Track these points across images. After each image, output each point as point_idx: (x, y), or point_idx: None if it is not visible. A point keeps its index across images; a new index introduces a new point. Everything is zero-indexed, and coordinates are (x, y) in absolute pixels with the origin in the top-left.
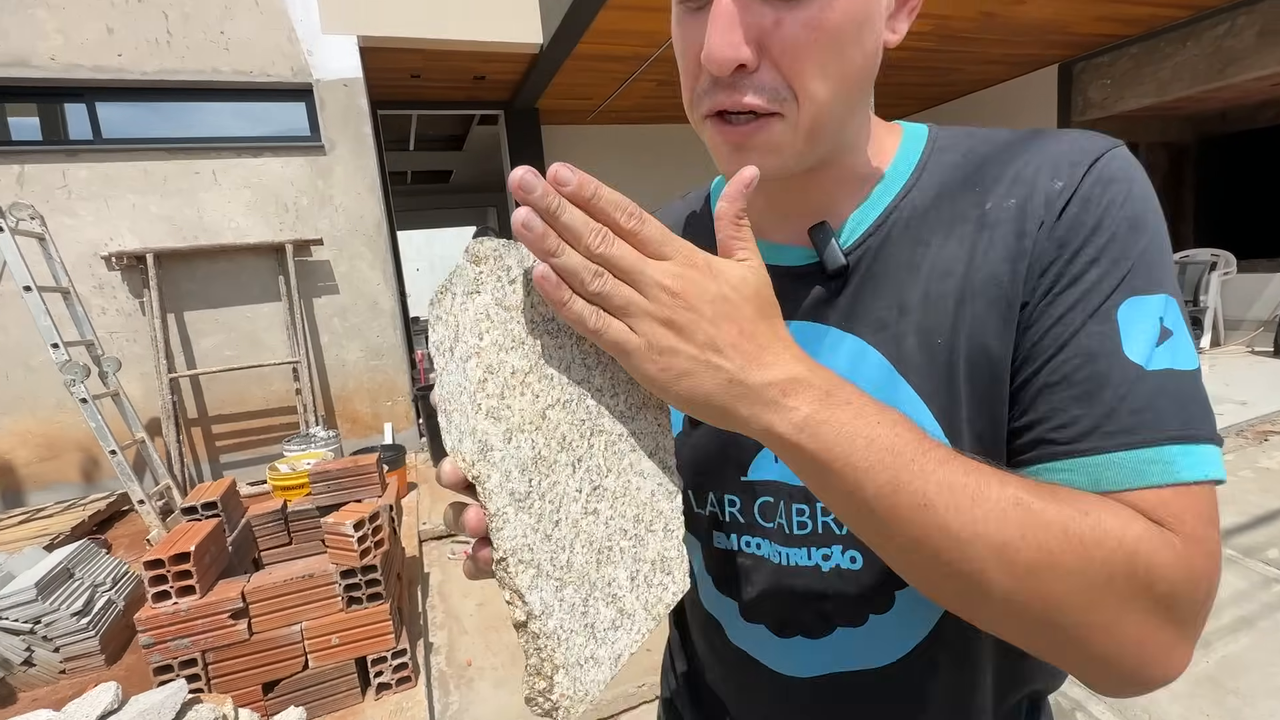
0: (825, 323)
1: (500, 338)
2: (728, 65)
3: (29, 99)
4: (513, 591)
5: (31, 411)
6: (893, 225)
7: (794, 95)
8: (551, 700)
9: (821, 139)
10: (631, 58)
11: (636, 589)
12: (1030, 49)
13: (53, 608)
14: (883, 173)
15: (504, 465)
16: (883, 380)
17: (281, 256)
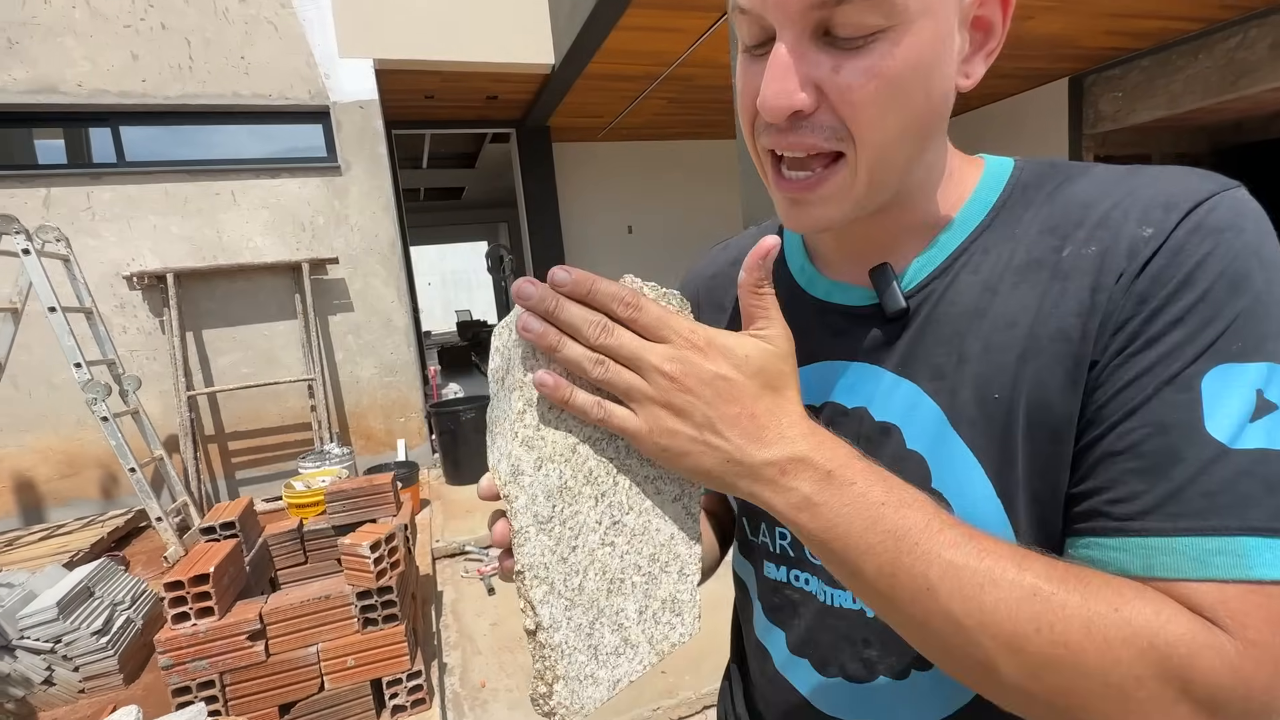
0: (882, 365)
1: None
2: (781, 113)
3: (56, 124)
4: (526, 601)
5: (54, 429)
6: (960, 269)
7: (851, 137)
8: (550, 705)
9: (882, 185)
10: (642, 76)
11: (643, 623)
12: (1040, 63)
13: (73, 627)
14: (955, 213)
15: (531, 489)
16: (935, 431)
17: (298, 275)
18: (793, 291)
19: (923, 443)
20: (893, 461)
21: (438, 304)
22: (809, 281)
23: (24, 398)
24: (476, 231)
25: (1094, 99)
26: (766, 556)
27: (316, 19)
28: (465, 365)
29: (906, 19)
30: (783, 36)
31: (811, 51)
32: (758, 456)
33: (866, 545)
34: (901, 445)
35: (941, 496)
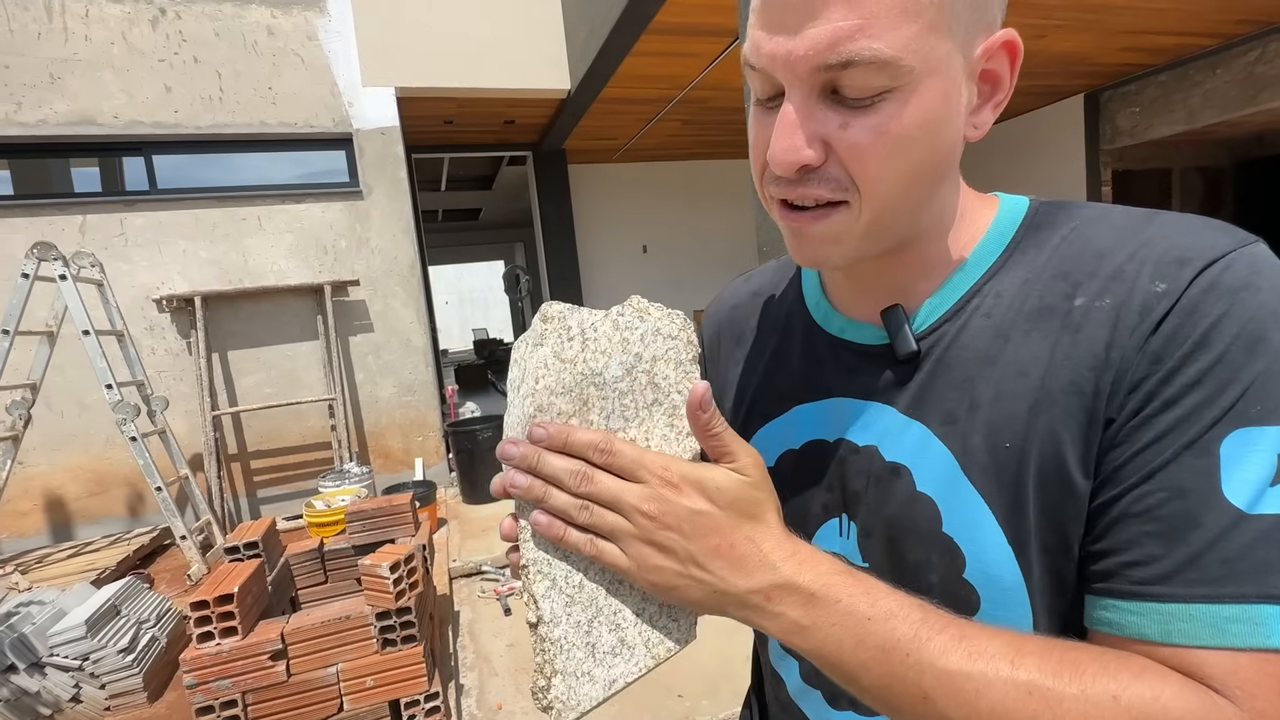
0: (893, 405)
1: (553, 383)
2: (790, 167)
3: (93, 154)
4: (530, 595)
5: (84, 448)
6: (972, 312)
7: (857, 188)
8: (548, 698)
9: (885, 231)
10: (656, 100)
11: (640, 626)
12: (1054, 80)
13: (100, 645)
14: (967, 253)
15: None
16: (946, 476)
17: (320, 297)
18: (808, 326)
19: (933, 486)
20: (904, 502)
21: (455, 322)
22: (824, 317)
23: (56, 417)
24: (493, 252)
25: (1111, 114)
26: None
27: (341, 50)
28: (482, 384)
29: (913, 79)
30: (791, 95)
31: (819, 109)
32: (742, 585)
33: (858, 662)
34: (911, 486)
35: (953, 541)
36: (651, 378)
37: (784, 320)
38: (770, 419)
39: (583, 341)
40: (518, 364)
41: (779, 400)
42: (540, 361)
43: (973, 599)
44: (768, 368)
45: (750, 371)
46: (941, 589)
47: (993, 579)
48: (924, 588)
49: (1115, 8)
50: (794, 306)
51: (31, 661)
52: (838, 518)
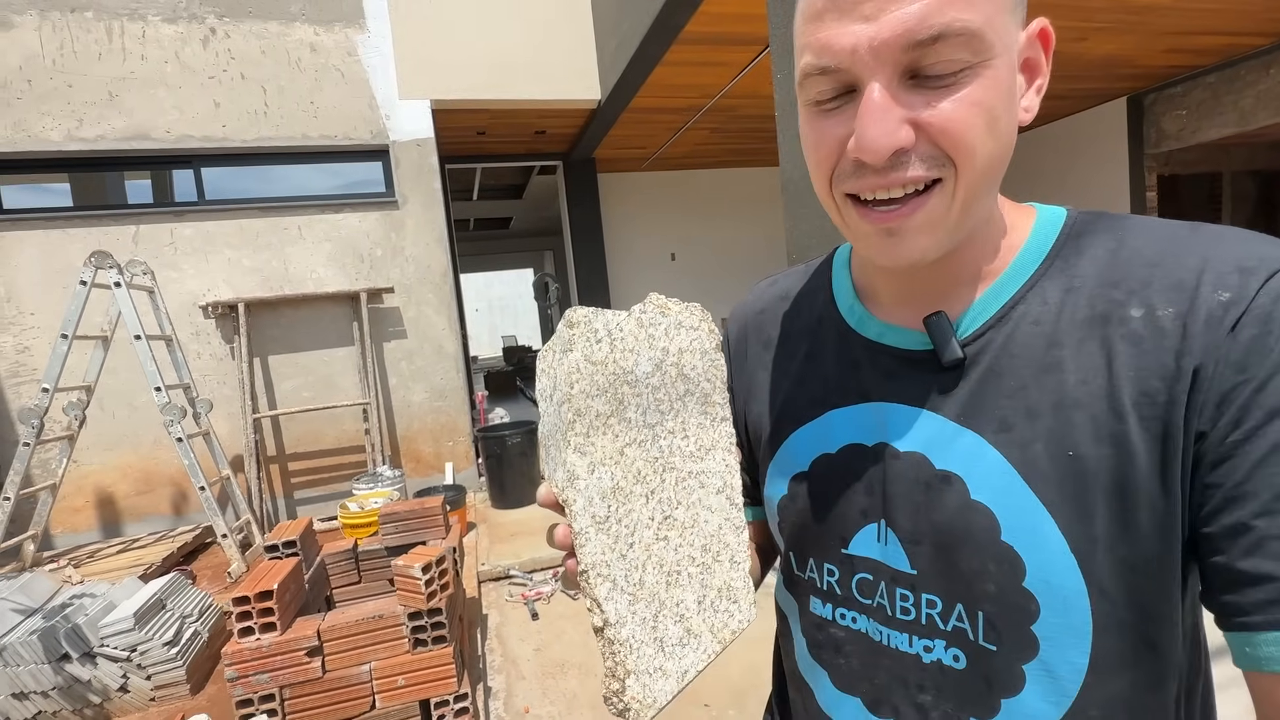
0: (939, 413)
1: (588, 386)
2: (885, 152)
3: (147, 167)
4: (592, 600)
5: (133, 448)
6: (1019, 318)
7: (952, 162)
8: (624, 701)
9: (973, 214)
10: (686, 109)
11: (703, 612)
12: (1097, 83)
13: (147, 637)
14: (1008, 261)
15: (587, 492)
16: (1002, 483)
17: (356, 304)
18: (841, 330)
19: (989, 494)
20: (957, 510)
21: (484, 329)
22: (859, 321)
23: (108, 418)
24: (523, 260)
25: (1155, 118)
26: (813, 592)
27: (379, 65)
28: (511, 390)
29: (991, 56)
30: (873, 83)
31: (903, 93)
32: None
33: None
34: (965, 494)
35: (1012, 550)
36: (680, 369)
37: (815, 324)
38: (804, 423)
39: (610, 343)
40: (546, 373)
41: (812, 405)
42: (572, 367)
43: (1032, 607)
44: (799, 372)
45: (781, 376)
46: (999, 597)
47: (1054, 587)
48: (980, 596)
49: (1160, 9)
50: (825, 310)
51: (84, 651)
52: (876, 523)
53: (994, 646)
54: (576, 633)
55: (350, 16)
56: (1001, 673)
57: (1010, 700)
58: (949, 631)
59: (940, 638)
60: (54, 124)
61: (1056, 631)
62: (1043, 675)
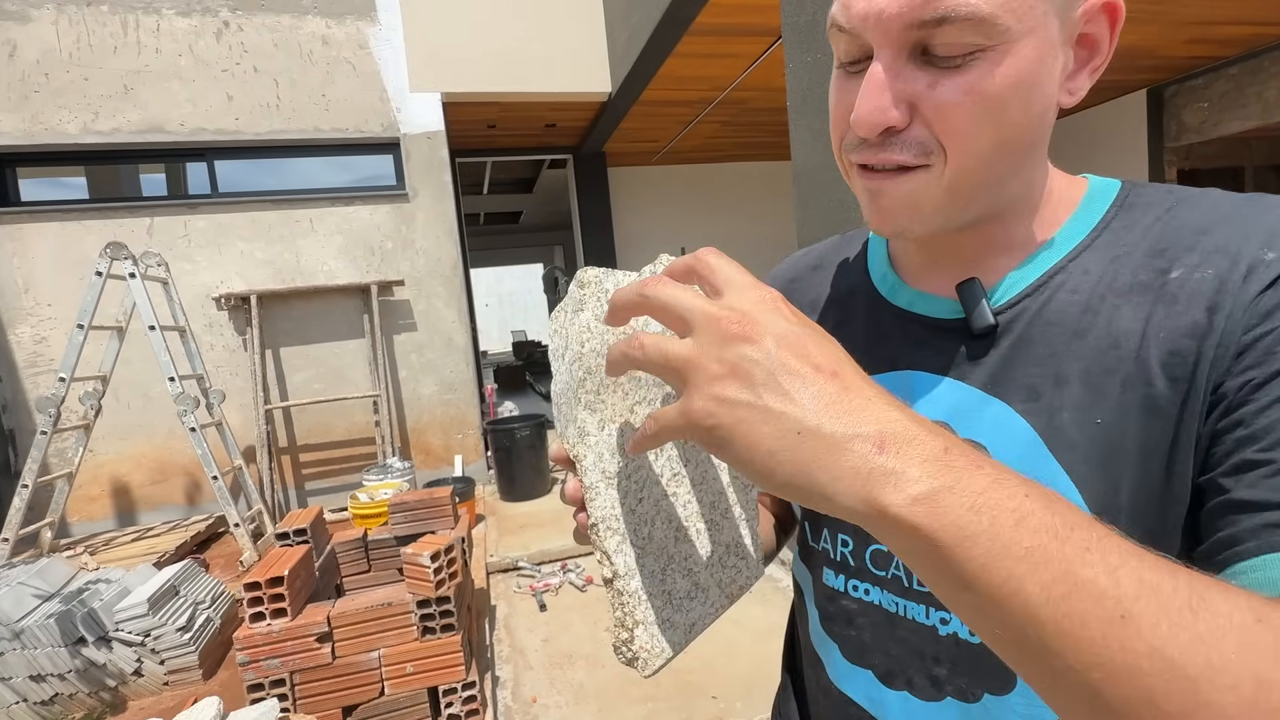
0: (967, 381)
1: (598, 345)
2: (874, 129)
3: (161, 160)
4: (602, 552)
5: (148, 438)
6: (1057, 288)
7: (942, 150)
8: (632, 650)
9: (968, 200)
10: (697, 101)
11: (711, 567)
12: (1115, 75)
13: (161, 622)
14: (1053, 229)
15: (598, 448)
16: (1029, 454)
17: (367, 296)
18: (873, 299)
19: (1012, 464)
20: None
21: (494, 325)
22: (891, 290)
23: (123, 408)
24: (533, 254)
25: (1176, 110)
26: (826, 563)
27: (390, 57)
28: (520, 385)
29: (1008, 39)
30: (880, 55)
31: (908, 69)
32: (841, 425)
33: (1022, 550)
34: None
35: None
36: None
37: (846, 293)
38: None
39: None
40: (558, 333)
41: None
42: (583, 326)
43: None
44: None
45: None
46: None
47: None
48: None
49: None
50: (858, 279)
51: (99, 635)
52: None
53: None
54: (584, 625)
55: (362, 9)
56: None
57: None
58: None
59: None
60: (70, 117)
61: None
62: None
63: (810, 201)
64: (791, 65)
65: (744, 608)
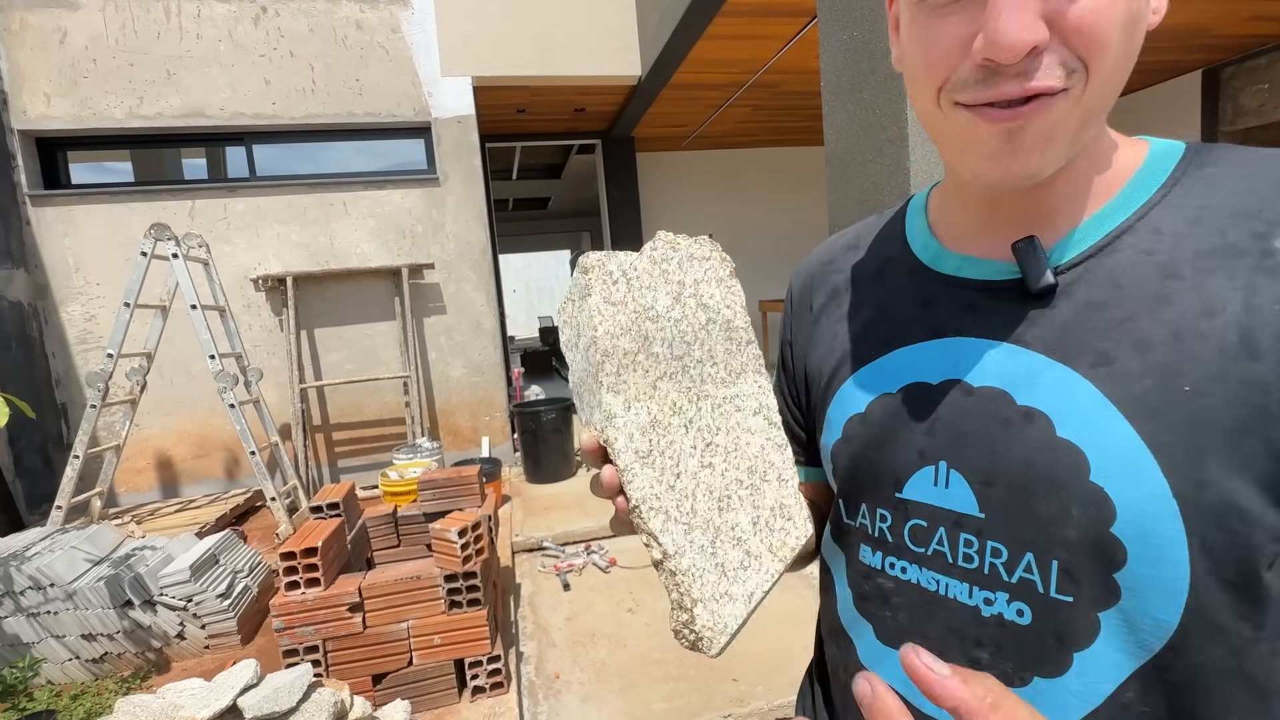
0: (1024, 345)
1: (612, 327)
2: (1022, 49)
3: (202, 144)
4: (648, 535)
5: (189, 414)
6: (1127, 248)
7: (1085, 68)
8: (695, 631)
9: (1095, 122)
10: (727, 85)
11: (759, 533)
12: (1168, 55)
13: (202, 589)
14: (1115, 189)
15: (627, 429)
16: (1096, 421)
17: (398, 279)
18: (914, 269)
19: (1079, 432)
20: (1039, 449)
21: (521, 311)
22: (934, 257)
23: (167, 384)
24: (561, 240)
25: (1233, 92)
26: (863, 540)
27: (422, 41)
28: (546, 370)
29: None
30: None
31: None
32: None
33: None
34: (1050, 432)
35: (1102, 491)
36: (699, 299)
37: (885, 266)
38: (865, 363)
39: (627, 282)
40: (568, 324)
41: (876, 346)
42: (593, 310)
43: (1118, 555)
44: (866, 316)
45: (847, 321)
46: (1079, 543)
47: (1148, 534)
48: (1056, 543)
49: None
50: (897, 250)
51: (145, 599)
52: (934, 465)
53: (1069, 598)
54: (607, 605)
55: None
56: (1076, 623)
57: (1083, 653)
58: (1014, 584)
59: (1003, 590)
60: (117, 102)
61: (1142, 584)
62: (1120, 625)
63: (844, 185)
64: (826, 44)
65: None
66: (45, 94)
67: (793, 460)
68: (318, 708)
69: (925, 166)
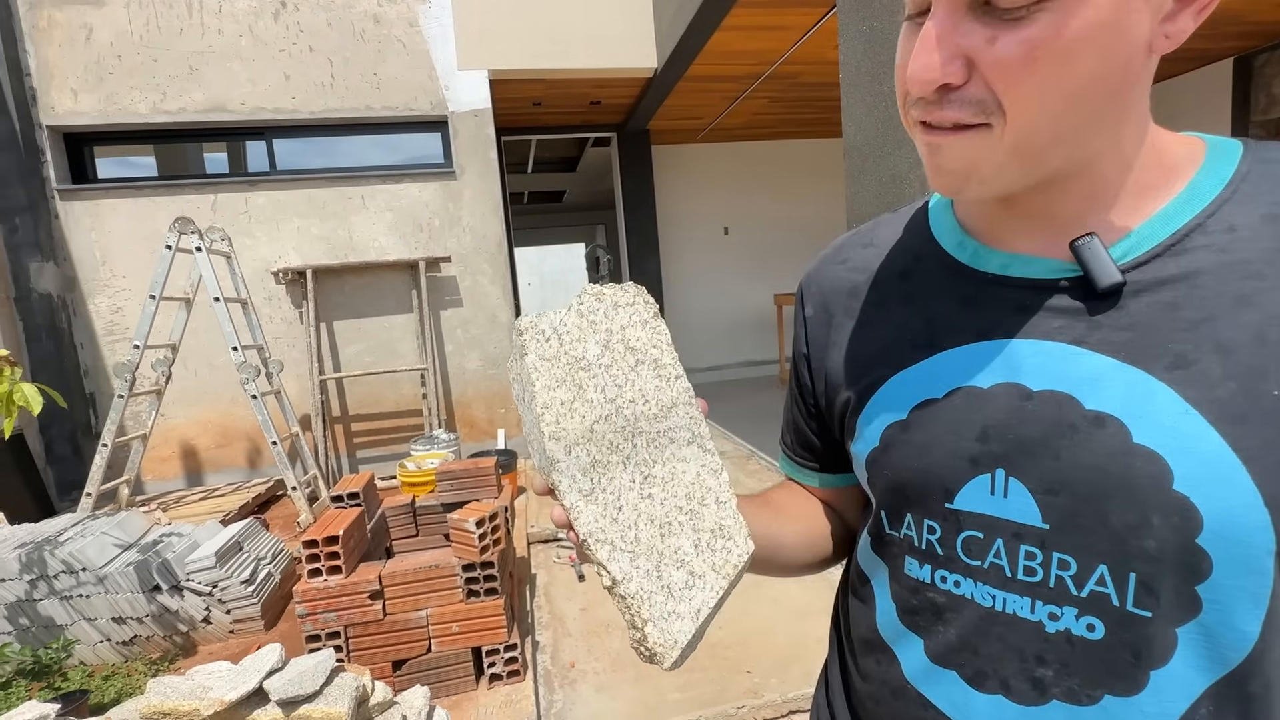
0: (1088, 348)
1: (548, 380)
2: (925, 87)
3: (223, 138)
4: (598, 563)
5: (212, 404)
6: (1197, 245)
7: (1001, 110)
8: (649, 648)
9: (1036, 160)
10: (744, 77)
11: (701, 553)
12: (1199, 42)
13: (227, 575)
14: (1179, 184)
15: (570, 472)
16: (1177, 426)
17: (415, 272)
18: (950, 267)
19: (1158, 438)
20: (1113, 456)
21: (536, 304)
22: (972, 256)
23: (191, 375)
24: (575, 234)
25: (1266, 80)
26: (909, 552)
27: (439, 35)
28: None
29: None
30: (936, 8)
31: (966, 22)
32: None
33: None
34: (1126, 439)
35: (1187, 501)
36: (626, 343)
37: (912, 265)
38: (904, 367)
39: (559, 338)
40: (515, 382)
41: (915, 348)
42: (530, 367)
43: (1203, 566)
44: (897, 317)
45: (873, 323)
46: (1161, 555)
47: (1238, 544)
48: (1134, 554)
49: None
50: (924, 249)
51: (172, 584)
52: (990, 474)
53: (1148, 613)
54: None
55: None
56: (1154, 639)
57: (1159, 671)
58: (1084, 598)
59: (1071, 604)
60: (141, 97)
61: (1227, 595)
62: (1199, 639)
63: (862, 177)
64: (845, 35)
65: (782, 587)
66: (72, 90)
67: (728, 483)
68: (341, 691)
69: None
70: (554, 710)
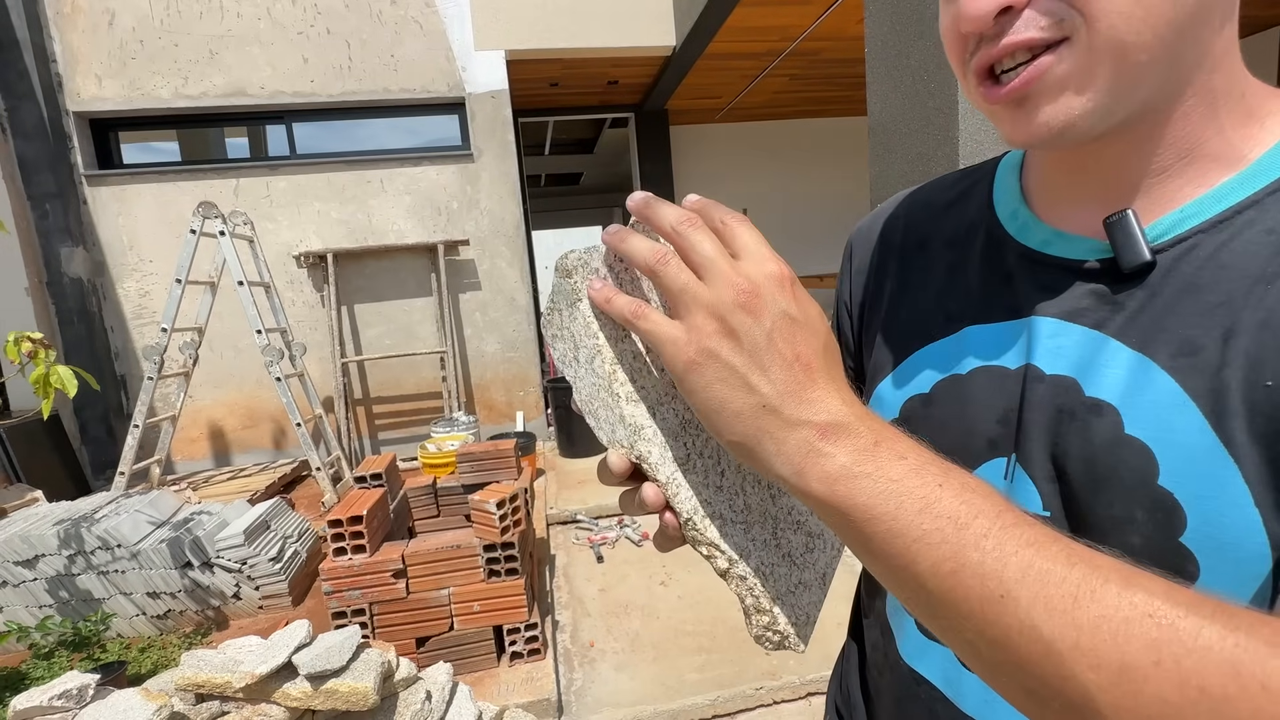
0: (1101, 330)
1: (613, 330)
2: (984, 17)
3: (244, 123)
4: (708, 545)
5: (238, 387)
6: (1246, 225)
7: (1081, 14)
8: (780, 632)
9: (1133, 73)
10: (764, 53)
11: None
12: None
13: (255, 552)
14: (1253, 156)
15: (658, 439)
16: (1171, 418)
17: (434, 256)
18: (996, 238)
19: (1148, 429)
20: (1104, 446)
21: None
22: (1021, 228)
23: (217, 358)
24: (592, 217)
25: None
26: None
27: (455, 15)
28: None
29: None
30: None
31: None
32: (798, 410)
33: (920, 532)
34: (1118, 428)
35: (1172, 497)
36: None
37: (964, 232)
38: (933, 340)
39: (615, 277)
40: (559, 338)
41: (947, 320)
42: (587, 316)
43: (1189, 567)
44: (938, 284)
45: (914, 288)
46: (1146, 551)
47: (1224, 546)
48: (1122, 548)
49: None
50: (980, 216)
51: (203, 561)
52: (1005, 457)
53: None
54: (639, 577)
55: None
56: None
57: None
58: None
59: None
60: (163, 82)
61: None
62: None
63: (886, 156)
64: (871, 8)
65: None
66: (96, 75)
67: None
68: (366, 666)
69: (975, 136)
70: (574, 688)
